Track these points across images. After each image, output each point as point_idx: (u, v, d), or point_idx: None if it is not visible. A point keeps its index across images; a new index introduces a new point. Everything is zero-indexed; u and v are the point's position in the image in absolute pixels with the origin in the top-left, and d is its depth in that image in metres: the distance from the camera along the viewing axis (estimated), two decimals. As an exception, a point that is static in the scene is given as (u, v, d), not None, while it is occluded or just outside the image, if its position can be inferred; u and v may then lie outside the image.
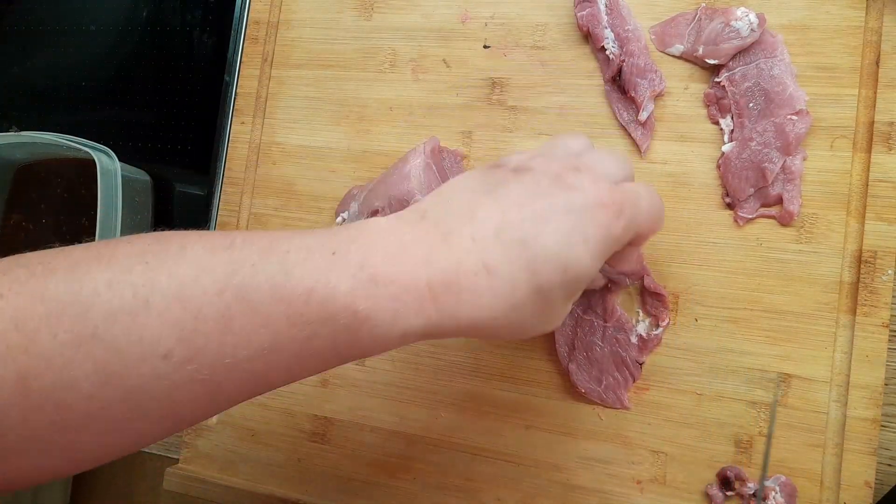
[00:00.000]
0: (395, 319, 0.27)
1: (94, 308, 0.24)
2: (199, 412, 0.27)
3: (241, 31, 0.54)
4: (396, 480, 0.45)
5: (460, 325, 0.28)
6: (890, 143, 0.39)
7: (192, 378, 0.25)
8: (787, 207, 0.40)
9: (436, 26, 0.48)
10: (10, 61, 0.62)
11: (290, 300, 0.26)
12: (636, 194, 0.31)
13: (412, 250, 0.28)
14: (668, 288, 0.42)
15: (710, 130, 0.42)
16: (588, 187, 0.30)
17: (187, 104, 0.56)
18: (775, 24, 0.42)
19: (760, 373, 0.40)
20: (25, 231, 0.56)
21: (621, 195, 0.30)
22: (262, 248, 0.27)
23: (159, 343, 0.25)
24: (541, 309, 0.29)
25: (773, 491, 0.38)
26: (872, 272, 0.39)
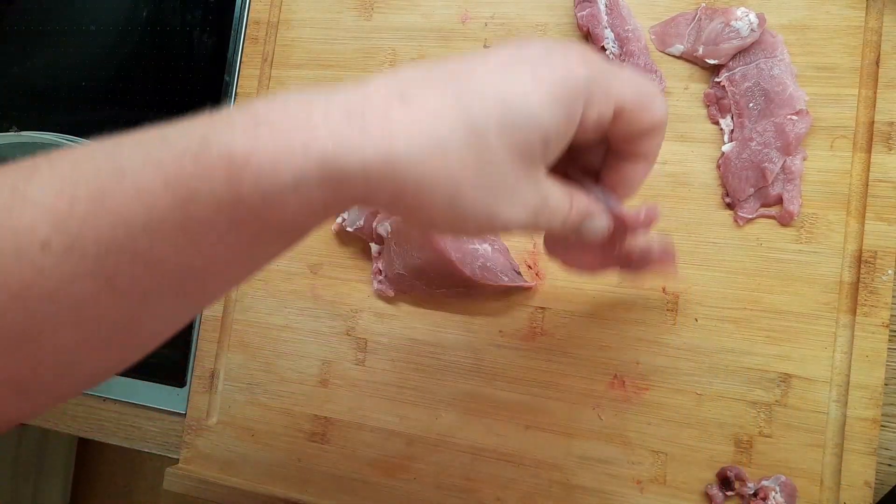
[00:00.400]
0: (278, 158, 0.22)
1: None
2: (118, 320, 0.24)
3: (241, 31, 0.54)
4: (396, 480, 0.45)
5: (368, 160, 0.22)
6: (890, 143, 0.39)
7: (80, 271, 0.22)
8: (787, 207, 0.40)
9: (436, 26, 0.48)
10: (10, 61, 0.62)
11: (164, 163, 0.22)
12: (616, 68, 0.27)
13: (311, 97, 0.23)
14: (669, 288, 0.42)
15: (710, 130, 0.42)
16: (536, 42, 0.26)
17: (187, 104, 0.56)
18: (775, 24, 0.42)
19: (760, 373, 0.40)
20: (25, 231, 0.56)
21: (595, 57, 0.26)
22: (149, 131, 0.24)
23: (34, 231, 0.22)
24: (478, 159, 0.23)
25: (773, 491, 0.38)
26: (872, 272, 0.39)
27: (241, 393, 0.50)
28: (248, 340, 0.50)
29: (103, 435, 0.54)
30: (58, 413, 0.55)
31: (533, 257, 0.44)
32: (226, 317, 0.50)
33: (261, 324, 0.50)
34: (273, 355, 0.49)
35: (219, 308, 0.50)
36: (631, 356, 0.42)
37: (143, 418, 0.53)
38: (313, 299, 0.49)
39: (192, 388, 0.50)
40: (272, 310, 0.50)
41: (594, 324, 0.43)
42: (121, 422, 0.54)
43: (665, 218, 0.42)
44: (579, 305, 0.43)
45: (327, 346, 0.48)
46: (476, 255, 0.43)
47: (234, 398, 0.50)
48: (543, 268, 0.44)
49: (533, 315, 0.44)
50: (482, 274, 0.43)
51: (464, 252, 0.42)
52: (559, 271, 0.44)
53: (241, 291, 0.50)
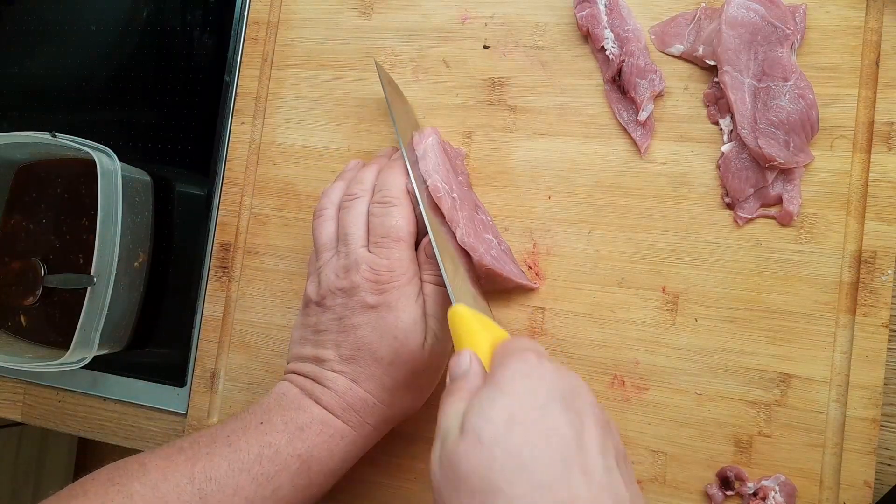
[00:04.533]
0: (329, 446, 0.39)
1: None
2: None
3: (241, 31, 0.54)
4: (396, 480, 0.45)
5: (373, 425, 0.40)
6: (890, 143, 0.39)
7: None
8: (786, 207, 0.40)
9: (436, 26, 0.48)
10: (10, 61, 0.62)
11: (248, 467, 0.36)
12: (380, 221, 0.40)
13: (304, 398, 0.39)
14: (668, 288, 0.42)
15: (710, 130, 0.42)
16: (358, 282, 0.39)
17: (187, 104, 0.56)
18: (775, 24, 0.42)
19: (760, 373, 0.40)
20: (25, 231, 0.56)
21: (378, 263, 0.39)
22: (206, 440, 0.38)
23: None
24: (406, 372, 0.39)
25: (772, 491, 0.38)
26: (872, 272, 0.39)
27: (242, 393, 0.50)
28: (248, 340, 0.50)
29: (103, 435, 0.54)
30: (58, 413, 0.56)
31: (533, 257, 0.44)
32: (226, 317, 0.50)
33: (261, 324, 0.50)
34: (273, 355, 0.49)
35: (219, 308, 0.50)
36: (631, 356, 0.42)
37: (144, 418, 0.53)
38: (313, 299, 0.49)
39: (193, 388, 0.50)
40: (272, 310, 0.50)
41: (594, 324, 0.43)
42: (121, 422, 0.54)
43: (665, 218, 0.43)
44: (579, 305, 0.43)
45: (327, 346, 0.48)
46: (490, 244, 0.43)
47: (234, 398, 0.50)
48: (543, 268, 0.44)
49: (533, 315, 0.44)
50: (492, 262, 0.42)
51: (479, 239, 0.42)
52: (559, 271, 0.44)
53: (241, 291, 0.50)
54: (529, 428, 0.27)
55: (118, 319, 0.51)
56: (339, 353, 0.39)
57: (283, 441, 0.38)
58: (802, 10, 0.41)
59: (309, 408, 0.39)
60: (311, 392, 0.39)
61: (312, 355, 0.40)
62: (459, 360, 0.33)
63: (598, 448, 0.28)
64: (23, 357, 0.51)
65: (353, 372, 0.39)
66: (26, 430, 1.30)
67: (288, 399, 0.40)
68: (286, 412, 0.39)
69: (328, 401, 0.39)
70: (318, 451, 0.38)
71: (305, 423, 0.38)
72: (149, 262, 0.54)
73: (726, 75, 0.40)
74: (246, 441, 0.37)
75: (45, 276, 0.54)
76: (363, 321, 0.39)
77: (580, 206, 0.44)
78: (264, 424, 0.38)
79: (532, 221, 0.45)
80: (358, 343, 0.39)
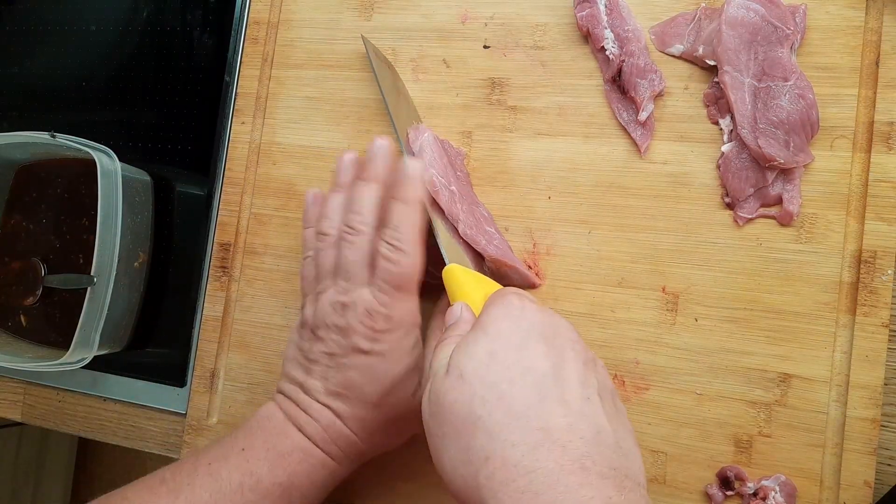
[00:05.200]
0: (311, 475, 0.38)
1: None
2: None
3: (241, 31, 0.54)
4: (396, 480, 0.45)
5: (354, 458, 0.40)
6: (890, 143, 0.39)
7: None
8: (786, 207, 0.40)
9: (436, 26, 0.48)
10: (10, 61, 0.62)
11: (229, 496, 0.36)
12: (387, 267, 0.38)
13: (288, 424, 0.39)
14: (669, 288, 0.42)
15: (710, 130, 0.42)
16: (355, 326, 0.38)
17: (187, 104, 0.56)
18: (775, 24, 0.42)
19: (760, 373, 0.40)
20: (25, 231, 0.56)
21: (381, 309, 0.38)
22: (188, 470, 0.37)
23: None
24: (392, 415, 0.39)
25: (772, 491, 0.38)
26: (872, 272, 0.39)
27: (242, 393, 0.50)
28: (248, 340, 0.50)
29: (103, 435, 0.54)
30: (58, 413, 0.56)
31: (533, 257, 0.44)
32: (226, 317, 0.50)
33: (261, 324, 0.50)
34: (273, 355, 0.49)
35: (219, 308, 0.50)
36: (631, 356, 0.42)
37: (144, 418, 0.53)
38: (313, 299, 0.49)
39: (193, 388, 0.50)
40: (272, 310, 0.50)
41: (594, 324, 0.43)
42: (121, 422, 0.54)
43: (665, 218, 0.43)
44: (579, 305, 0.43)
45: (327, 346, 0.48)
46: (492, 236, 0.43)
47: (234, 398, 0.50)
48: (543, 268, 0.44)
49: (533, 315, 0.44)
50: (496, 252, 0.42)
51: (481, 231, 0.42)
52: (559, 271, 0.44)
53: (241, 291, 0.50)
54: (508, 363, 0.30)
55: (118, 319, 0.51)
56: (325, 386, 0.39)
57: (264, 470, 0.37)
58: (802, 10, 0.41)
59: (292, 435, 0.39)
60: (296, 419, 0.39)
61: (300, 381, 0.40)
62: (452, 311, 0.35)
63: (576, 380, 0.29)
64: (23, 357, 0.51)
65: (339, 408, 0.39)
66: (26, 430, 1.30)
67: (272, 423, 0.39)
68: (269, 437, 0.39)
69: (311, 431, 0.39)
70: (299, 479, 0.38)
71: (287, 451, 0.38)
72: (149, 262, 0.54)
73: (726, 75, 0.40)
74: (227, 470, 0.37)
75: (45, 276, 0.54)
76: (354, 363, 0.38)
77: (580, 206, 0.44)
78: (246, 451, 0.38)
79: (532, 221, 0.45)
80: (346, 382, 0.38)
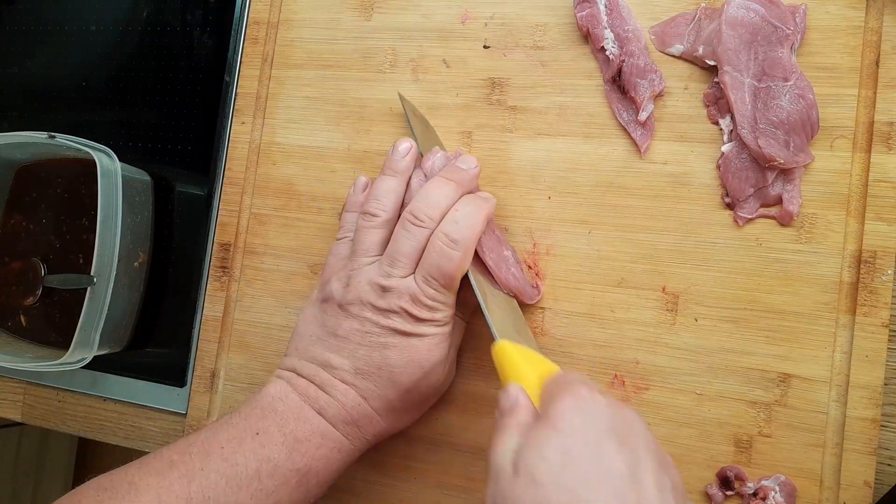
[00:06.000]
0: (328, 460, 0.38)
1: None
2: None
3: (241, 31, 0.54)
4: (396, 480, 0.45)
5: (370, 441, 0.40)
6: (890, 143, 0.39)
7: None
8: (786, 207, 0.40)
9: (436, 26, 0.48)
10: (10, 61, 0.62)
11: (246, 484, 0.35)
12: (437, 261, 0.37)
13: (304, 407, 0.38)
14: (668, 288, 0.42)
15: (710, 130, 0.42)
16: (395, 307, 0.37)
17: (187, 104, 0.56)
18: (775, 24, 0.42)
19: (760, 373, 0.40)
20: (25, 231, 0.56)
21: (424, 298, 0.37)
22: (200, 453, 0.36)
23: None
24: (417, 397, 0.39)
25: (772, 491, 0.38)
26: (872, 272, 0.39)
27: (242, 393, 0.50)
28: (248, 340, 0.50)
29: (103, 435, 0.54)
30: (58, 413, 0.56)
31: (533, 257, 0.44)
32: (226, 317, 0.50)
33: (261, 324, 0.50)
34: (273, 355, 0.49)
35: (219, 308, 0.50)
36: (631, 356, 0.42)
37: (144, 418, 0.53)
38: (313, 299, 0.49)
39: (193, 388, 0.50)
40: (272, 310, 0.50)
41: (594, 324, 0.43)
42: (121, 422, 0.54)
43: (665, 218, 0.43)
44: (579, 305, 0.43)
45: (327, 346, 0.48)
46: (509, 262, 0.43)
47: (234, 398, 0.50)
48: (543, 268, 0.44)
49: (533, 315, 0.44)
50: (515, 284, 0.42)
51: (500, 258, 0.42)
52: (559, 271, 0.44)
53: (241, 291, 0.50)
54: (584, 465, 0.27)
55: (118, 319, 0.51)
56: (354, 365, 0.38)
57: (282, 455, 0.36)
58: (802, 10, 0.41)
59: (310, 418, 0.38)
60: (315, 400, 0.38)
61: (323, 359, 0.39)
62: (507, 394, 0.33)
63: (653, 483, 0.28)
64: (23, 357, 0.51)
65: (365, 388, 0.38)
66: (26, 430, 1.30)
67: (286, 405, 0.38)
68: (284, 422, 0.37)
69: (332, 413, 0.38)
70: (316, 464, 0.37)
71: (305, 436, 0.37)
72: (149, 262, 0.54)
73: (726, 75, 0.40)
74: (243, 455, 0.36)
75: (45, 276, 0.54)
76: (392, 343, 0.37)
77: (580, 206, 0.44)
78: (261, 435, 0.37)
79: (532, 221, 0.45)
80: (380, 363, 0.38)
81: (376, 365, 0.38)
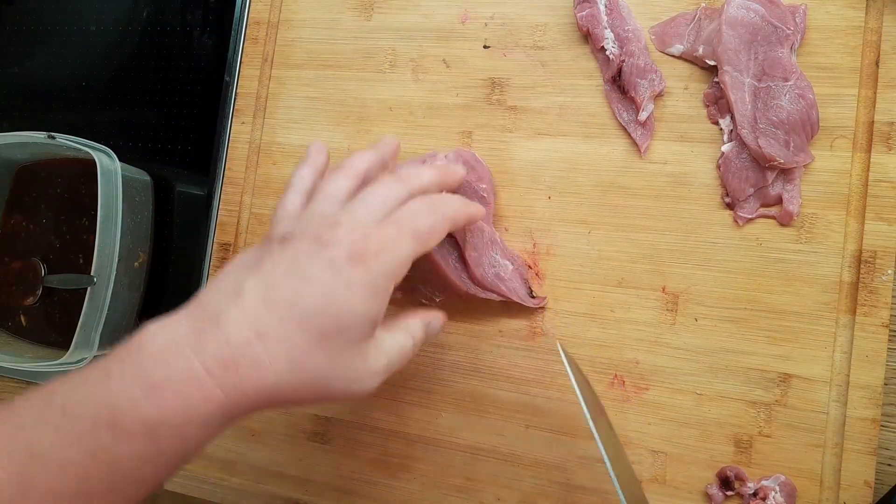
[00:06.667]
0: (188, 412, 0.29)
1: None
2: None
3: (241, 31, 0.54)
4: (396, 480, 0.46)
5: (250, 398, 0.30)
6: (890, 143, 0.39)
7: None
8: (786, 207, 0.40)
9: (436, 26, 0.48)
10: (10, 61, 0.62)
11: (79, 438, 0.29)
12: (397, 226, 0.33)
13: (182, 343, 0.30)
14: (669, 288, 0.42)
15: (710, 130, 0.42)
16: (342, 239, 0.32)
17: (187, 104, 0.56)
18: (775, 24, 0.42)
19: (760, 373, 0.40)
20: (25, 231, 0.56)
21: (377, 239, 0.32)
22: (41, 401, 0.30)
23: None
24: (334, 359, 0.32)
25: (772, 491, 0.38)
26: (872, 272, 0.39)
27: (242, 393, 0.49)
28: (248, 340, 0.50)
29: (103, 435, 0.54)
30: (58, 413, 0.55)
31: (533, 257, 0.44)
32: (226, 317, 0.50)
33: (261, 324, 0.50)
34: (273, 355, 0.49)
35: (219, 308, 0.50)
36: (631, 356, 0.42)
37: (144, 418, 0.53)
38: (313, 299, 0.49)
39: (193, 388, 0.50)
40: (272, 310, 0.50)
41: (594, 324, 0.43)
42: (121, 422, 0.54)
43: (665, 218, 0.43)
44: (579, 305, 0.43)
45: (327, 346, 0.48)
46: (495, 261, 0.43)
47: (234, 398, 0.50)
48: (543, 268, 0.44)
49: (533, 315, 0.44)
50: (494, 282, 0.43)
51: (480, 253, 0.42)
52: (559, 271, 0.44)
53: (242, 291, 0.50)
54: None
55: (118, 319, 0.51)
56: (267, 293, 0.31)
57: (125, 402, 0.29)
58: (802, 10, 0.41)
59: (173, 360, 0.30)
60: (190, 336, 0.31)
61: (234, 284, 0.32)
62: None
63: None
64: (23, 357, 0.51)
65: (268, 323, 0.31)
66: (26, 430, 1.30)
67: (152, 345, 0.31)
68: (141, 363, 0.30)
69: (210, 349, 0.30)
70: (173, 416, 0.29)
71: (161, 380, 0.29)
72: (149, 262, 0.54)
73: (726, 75, 0.40)
74: (81, 404, 0.29)
75: (45, 276, 0.54)
76: (317, 278, 0.32)
77: (580, 206, 0.44)
78: (110, 379, 0.30)
79: (532, 221, 0.45)
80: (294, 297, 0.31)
81: (290, 299, 0.31)
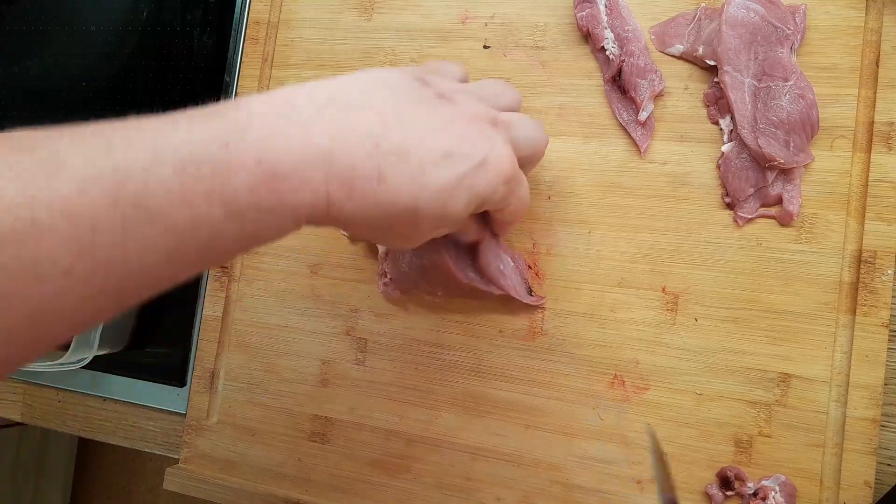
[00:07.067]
0: (296, 211, 0.28)
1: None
2: (101, 318, 0.27)
3: (241, 31, 0.54)
4: (396, 480, 0.46)
5: (340, 219, 0.30)
6: (890, 143, 0.39)
7: (102, 290, 0.25)
8: (786, 207, 0.40)
9: (436, 26, 0.48)
10: (10, 61, 0.62)
11: (192, 203, 0.26)
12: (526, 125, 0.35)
13: (313, 140, 0.28)
14: (668, 288, 0.42)
15: (710, 130, 0.42)
16: (496, 147, 0.32)
17: (187, 104, 0.56)
18: (775, 24, 0.42)
19: (760, 373, 0.40)
20: (25, 231, 0.56)
21: (517, 169, 0.34)
22: (148, 148, 0.26)
23: (57, 261, 0.23)
24: (409, 228, 0.31)
25: (772, 491, 0.38)
26: (872, 272, 0.39)
27: (242, 393, 0.50)
28: (248, 340, 0.50)
29: (103, 435, 0.54)
30: (58, 413, 0.56)
31: (533, 257, 0.44)
32: (226, 317, 0.50)
33: (261, 324, 0.50)
34: (273, 355, 0.49)
35: (219, 308, 0.50)
36: (631, 356, 0.42)
37: (144, 418, 0.53)
38: (313, 299, 0.49)
39: (193, 388, 0.50)
40: (272, 310, 0.50)
41: (594, 324, 0.43)
42: (121, 422, 0.54)
43: (665, 218, 0.43)
44: (579, 305, 0.43)
45: (327, 346, 0.48)
46: (496, 254, 0.43)
47: (234, 398, 0.50)
48: (543, 268, 0.44)
49: (533, 315, 0.44)
50: (495, 274, 0.42)
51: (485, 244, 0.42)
52: (559, 271, 0.44)
53: (241, 291, 0.50)
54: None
55: (118, 319, 0.51)
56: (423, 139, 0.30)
57: (243, 188, 0.27)
58: (802, 10, 0.41)
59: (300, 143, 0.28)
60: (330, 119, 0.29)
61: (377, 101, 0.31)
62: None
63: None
64: (23, 357, 0.51)
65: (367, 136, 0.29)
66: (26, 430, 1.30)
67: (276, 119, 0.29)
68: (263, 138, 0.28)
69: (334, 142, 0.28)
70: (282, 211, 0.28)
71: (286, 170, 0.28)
72: (149, 262, 0.54)
73: (726, 75, 0.40)
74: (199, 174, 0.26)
75: (44, 276, 0.54)
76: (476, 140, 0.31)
77: (580, 206, 0.44)
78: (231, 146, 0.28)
79: (532, 221, 0.45)
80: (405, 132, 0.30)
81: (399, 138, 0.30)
